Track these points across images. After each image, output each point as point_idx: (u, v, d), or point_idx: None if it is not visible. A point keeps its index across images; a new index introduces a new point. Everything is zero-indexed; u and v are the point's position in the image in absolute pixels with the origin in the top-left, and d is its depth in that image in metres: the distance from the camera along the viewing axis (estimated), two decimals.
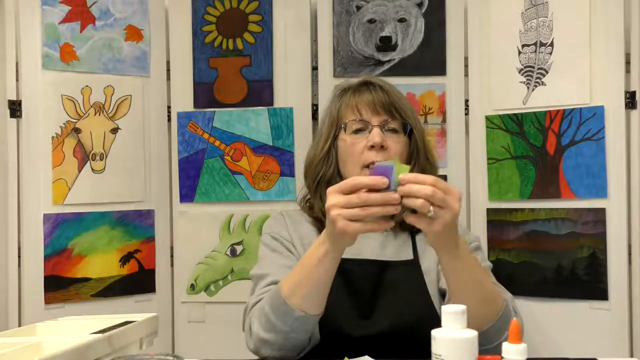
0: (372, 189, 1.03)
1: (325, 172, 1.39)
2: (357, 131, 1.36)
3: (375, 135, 1.32)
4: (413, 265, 1.34)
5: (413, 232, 1.39)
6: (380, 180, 1.03)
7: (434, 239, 1.08)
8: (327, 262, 1.13)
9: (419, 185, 1.02)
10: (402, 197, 1.02)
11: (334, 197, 1.06)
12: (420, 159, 1.38)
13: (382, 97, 1.36)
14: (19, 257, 1.74)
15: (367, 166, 1.33)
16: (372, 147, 1.32)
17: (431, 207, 1.01)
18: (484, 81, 1.82)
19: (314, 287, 1.16)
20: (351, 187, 1.04)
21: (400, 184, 1.03)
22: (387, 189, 1.03)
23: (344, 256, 1.35)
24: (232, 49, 1.90)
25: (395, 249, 1.37)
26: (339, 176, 1.39)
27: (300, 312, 1.17)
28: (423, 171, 1.37)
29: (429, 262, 1.35)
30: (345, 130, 1.37)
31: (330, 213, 1.06)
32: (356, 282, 1.32)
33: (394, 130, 1.36)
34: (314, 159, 1.42)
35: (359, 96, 1.37)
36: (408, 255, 1.36)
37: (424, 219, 1.04)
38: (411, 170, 1.35)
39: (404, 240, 1.38)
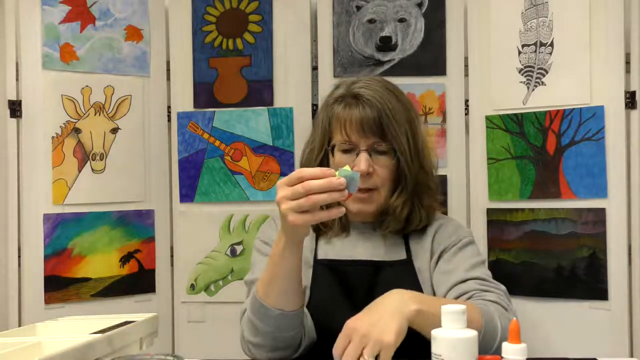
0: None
1: None
2: (345, 151, 1.35)
3: (362, 162, 1.29)
4: (407, 265, 1.34)
5: (405, 234, 1.39)
6: (326, 172, 1.02)
7: (396, 345, 1.04)
8: (288, 254, 1.13)
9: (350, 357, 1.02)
10: None
11: (281, 190, 1.05)
12: (407, 183, 1.35)
13: (370, 115, 1.30)
14: (19, 257, 1.74)
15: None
16: None
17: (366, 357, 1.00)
18: (484, 81, 1.82)
19: (283, 282, 1.16)
20: (297, 178, 1.04)
21: None
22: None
23: (337, 257, 1.35)
24: (232, 49, 1.90)
25: (388, 250, 1.37)
26: None
27: (277, 311, 1.17)
28: (417, 186, 1.35)
29: (422, 261, 1.35)
30: (332, 151, 1.36)
31: (280, 207, 1.05)
32: (351, 283, 1.32)
33: (382, 152, 1.34)
34: (307, 166, 1.41)
35: (348, 111, 1.32)
36: (401, 255, 1.36)
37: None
38: (398, 194, 1.34)
39: (396, 241, 1.38)
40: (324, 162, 1.38)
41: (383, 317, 1.04)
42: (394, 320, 1.02)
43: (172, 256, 1.92)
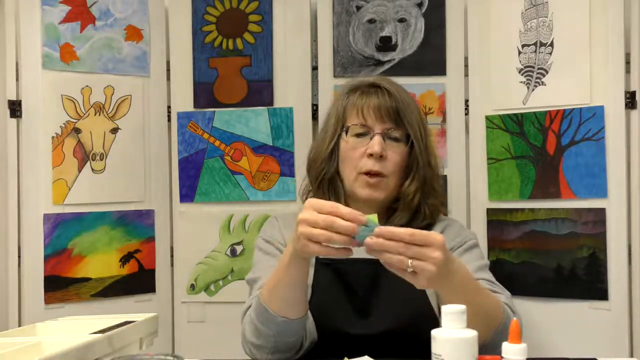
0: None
1: (327, 171, 1.39)
2: (359, 135, 1.35)
3: (375, 144, 1.31)
4: None
5: None
6: (357, 217, 1.01)
7: (425, 287, 1.06)
8: (293, 267, 1.13)
9: (392, 242, 1.00)
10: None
11: (307, 212, 1.05)
12: (419, 170, 1.37)
13: (389, 102, 1.34)
14: (19, 257, 1.73)
15: (366, 173, 1.33)
16: (371, 155, 1.32)
17: (410, 262, 0.99)
18: (484, 81, 1.82)
19: (286, 291, 1.16)
20: (328, 211, 1.03)
21: (376, 236, 1.01)
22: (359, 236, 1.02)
23: (338, 256, 1.35)
24: (232, 49, 1.90)
25: None
26: (338, 175, 1.39)
27: (281, 318, 1.17)
28: (425, 182, 1.37)
29: None
30: (347, 133, 1.36)
31: (298, 228, 1.05)
32: (353, 282, 1.32)
33: (395, 139, 1.35)
34: (318, 156, 1.41)
35: (366, 99, 1.36)
36: None
37: (407, 273, 1.02)
38: (411, 181, 1.36)
39: None
40: (335, 151, 1.38)
41: (449, 271, 1.04)
42: (437, 281, 1.03)
43: (172, 256, 1.92)
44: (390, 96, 1.35)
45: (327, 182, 1.39)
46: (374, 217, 1.03)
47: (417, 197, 1.36)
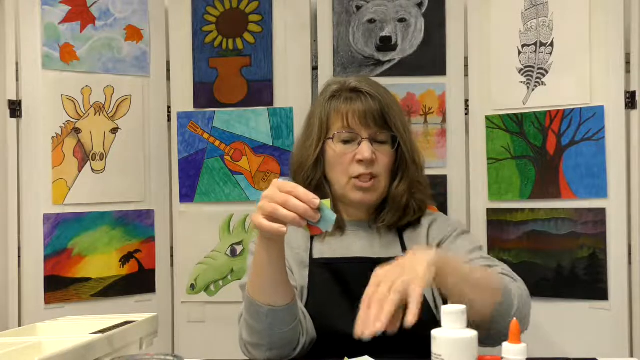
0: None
1: (314, 177, 1.39)
2: (345, 141, 1.36)
3: (365, 150, 1.32)
4: None
5: (400, 229, 1.40)
6: (311, 199, 1.04)
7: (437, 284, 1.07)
8: (263, 251, 1.16)
9: (379, 297, 1.01)
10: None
11: (270, 189, 1.10)
12: (407, 171, 1.38)
13: (373, 106, 1.34)
14: (19, 257, 1.74)
15: (357, 177, 1.34)
16: (361, 161, 1.32)
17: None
18: (484, 81, 1.82)
19: (264, 277, 1.18)
20: (288, 191, 1.07)
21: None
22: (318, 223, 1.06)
23: (333, 255, 1.35)
24: (232, 49, 1.90)
25: (383, 247, 1.37)
26: (325, 180, 1.39)
27: (267, 307, 1.18)
28: (411, 180, 1.37)
29: None
30: (333, 140, 1.36)
31: (259, 203, 1.11)
32: (348, 281, 1.32)
33: (382, 142, 1.36)
34: (304, 162, 1.41)
35: (350, 104, 1.35)
36: (397, 252, 1.36)
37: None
38: (399, 182, 1.37)
39: (391, 238, 1.38)
40: (320, 158, 1.38)
41: (411, 263, 1.05)
42: (421, 263, 1.03)
43: (172, 256, 1.92)
44: (374, 100, 1.35)
45: (314, 187, 1.39)
46: (327, 202, 1.06)
47: (405, 197, 1.37)
